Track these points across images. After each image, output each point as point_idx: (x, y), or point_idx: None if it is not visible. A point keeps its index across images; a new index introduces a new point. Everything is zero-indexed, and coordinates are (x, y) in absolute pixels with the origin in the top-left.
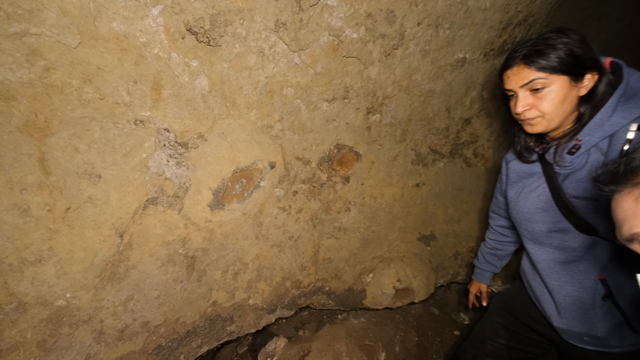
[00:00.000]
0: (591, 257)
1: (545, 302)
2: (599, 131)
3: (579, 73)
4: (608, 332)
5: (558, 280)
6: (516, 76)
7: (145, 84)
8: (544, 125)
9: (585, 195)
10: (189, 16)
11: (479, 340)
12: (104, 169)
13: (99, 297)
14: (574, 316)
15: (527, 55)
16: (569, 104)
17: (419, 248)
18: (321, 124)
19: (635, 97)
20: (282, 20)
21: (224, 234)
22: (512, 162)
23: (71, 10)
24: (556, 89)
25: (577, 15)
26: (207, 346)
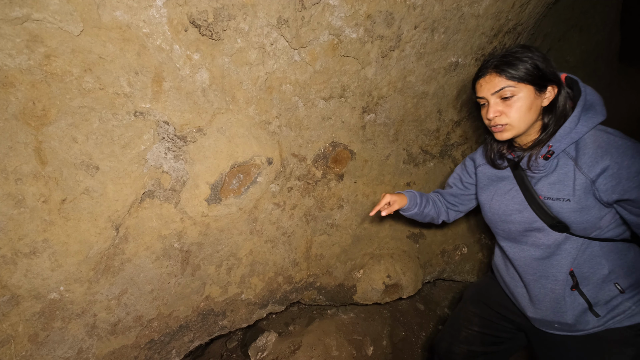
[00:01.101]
0: (563, 253)
1: (519, 295)
2: (567, 138)
3: (543, 85)
4: (575, 318)
5: (533, 275)
6: (488, 84)
7: (147, 75)
8: (512, 132)
9: (558, 197)
10: (192, 9)
11: (453, 329)
12: (102, 160)
13: (93, 291)
14: (547, 306)
15: (498, 65)
16: (533, 112)
17: (408, 245)
18: (317, 122)
19: (593, 109)
20: (284, 17)
21: (219, 228)
22: (482, 166)
23: None
24: (523, 97)
25: (561, 26)
26: (199, 341)
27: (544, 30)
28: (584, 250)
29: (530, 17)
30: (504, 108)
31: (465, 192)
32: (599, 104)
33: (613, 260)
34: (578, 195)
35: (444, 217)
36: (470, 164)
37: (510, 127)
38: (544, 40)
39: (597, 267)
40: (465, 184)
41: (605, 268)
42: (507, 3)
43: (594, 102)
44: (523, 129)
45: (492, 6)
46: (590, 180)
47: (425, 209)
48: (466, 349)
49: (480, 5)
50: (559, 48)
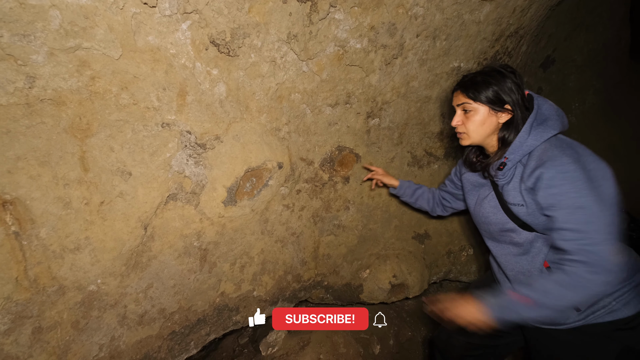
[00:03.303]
0: (535, 250)
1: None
2: (520, 150)
3: (498, 109)
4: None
5: (513, 270)
6: (456, 97)
7: (173, 90)
8: (469, 141)
9: (515, 202)
10: (212, 30)
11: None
12: (134, 166)
13: (124, 284)
14: None
15: (464, 84)
16: (487, 127)
17: (414, 246)
18: (324, 127)
19: (545, 123)
20: (293, 33)
21: (234, 228)
22: (466, 174)
23: (117, 27)
24: (478, 114)
25: (566, 26)
26: (214, 334)
27: (548, 31)
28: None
29: (532, 21)
30: (464, 119)
31: (456, 192)
32: (553, 118)
33: None
34: (527, 201)
35: (439, 211)
36: (458, 170)
37: (467, 137)
38: (548, 40)
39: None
40: (456, 185)
41: None
42: (508, 9)
43: (548, 116)
44: (478, 140)
45: (493, 12)
46: (529, 188)
47: (418, 201)
48: (464, 340)
49: (481, 12)
50: (564, 47)
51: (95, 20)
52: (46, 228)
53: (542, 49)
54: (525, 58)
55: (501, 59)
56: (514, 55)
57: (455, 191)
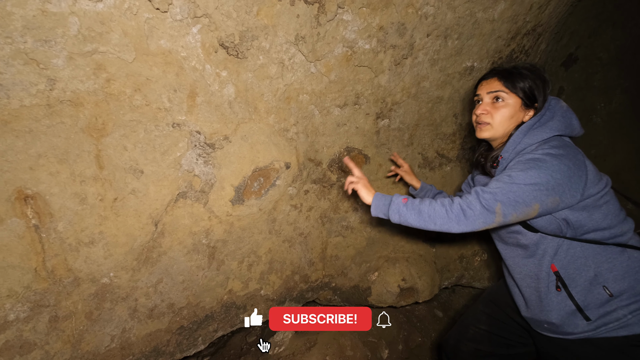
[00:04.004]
0: (541, 252)
1: (515, 294)
2: (513, 149)
3: (529, 104)
4: (561, 319)
5: (520, 274)
6: (488, 85)
7: (183, 92)
8: (490, 133)
9: None
10: (222, 33)
11: (462, 327)
12: (146, 165)
13: (135, 278)
14: (534, 305)
15: (502, 73)
16: (513, 122)
17: (425, 249)
18: (332, 128)
19: (546, 125)
20: (301, 35)
21: (242, 227)
22: (478, 175)
23: (131, 32)
24: (510, 105)
25: (591, 22)
26: (222, 331)
27: (571, 28)
28: (565, 250)
29: (551, 18)
30: (491, 109)
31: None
32: (555, 119)
33: (599, 262)
34: None
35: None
36: (472, 173)
37: (490, 128)
38: (570, 38)
39: (583, 269)
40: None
41: (591, 270)
42: (524, 6)
43: (552, 117)
44: (500, 134)
45: (508, 10)
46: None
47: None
48: (473, 347)
49: (495, 10)
50: (589, 45)
51: (110, 26)
52: (63, 222)
53: (564, 47)
54: (544, 56)
55: (517, 57)
56: (531, 54)
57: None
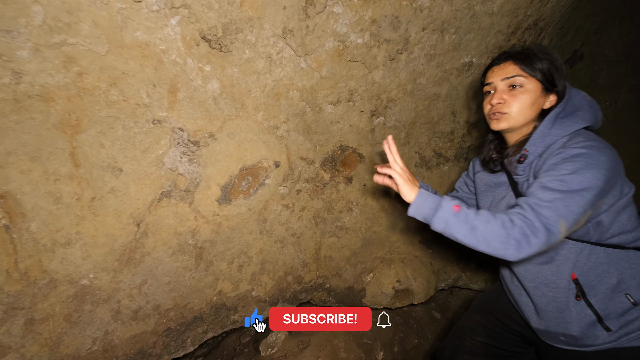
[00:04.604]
0: (561, 258)
1: (523, 304)
2: (542, 142)
3: (549, 88)
4: (582, 331)
5: (534, 282)
6: (501, 70)
7: (163, 87)
8: (508, 123)
9: None
10: (203, 25)
11: (457, 338)
12: (125, 163)
13: (117, 279)
14: (550, 316)
15: (516, 55)
16: (534, 110)
17: (421, 251)
18: (325, 126)
19: (573, 115)
20: (289, 28)
21: (231, 227)
22: (480, 173)
23: (102, 23)
24: (530, 90)
25: (597, 17)
26: (212, 332)
27: (576, 24)
28: (587, 256)
29: (554, 12)
30: (509, 97)
31: (471, 196)
32: (583, 110)
33: (622, 268)
34: None
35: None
36: (471, 169)
37: (508, 117)
38: (575, 34)
39: (605, 276)
40: (469, 187)
41: (614, 277)
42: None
43: (578, 107)
44: (520, 123)
45: (508, 3)
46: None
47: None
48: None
49: (494, 2)
50: (595, 42)
51: (79, 16)
52: (37, 222)
53: (568, 43)
54: None
55: None
56: None
57: (468, 196)
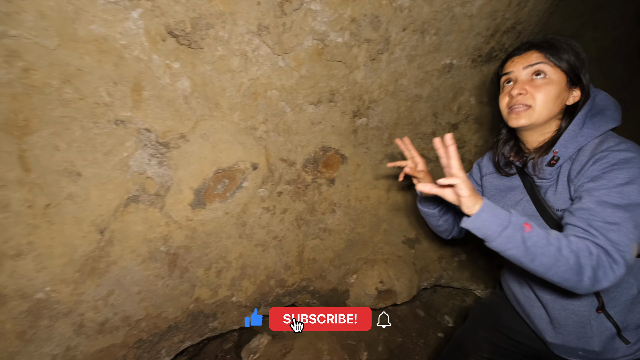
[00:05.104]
0: None
1: (536, 317)
2: (574, 142)
3: (574, 81)
4: (603, 345)
5: (552, 294)
6: (524, 59)
7: (126, 85)
8: (531, 119)
9: (564, 208)
10: (169, 19)
11: (461, 353)
12: (85, 167)
13: (79, 291)
14: (569, 330)
15: (540, 44)
16: (558, 105)
17: (404, 251)
18: (307, 127)
19: (602, 113)
20: (264, 24)
21: (207, 232)
22: (489, 175)
23: (49, 14)
24: (555, 81)
25: (572, 23)
26: (189, 341)
27: (553, 27)
28: None
29: (531, 15)
30: (531, 88)
31: None
32: (611, 109)
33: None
34: None
35: (455, 232)
36: (476, 171)
37: (532, 112)
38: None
39: (625, 286)
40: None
41: (634, 287)
42: (503, 2)
43: (605, 107)
44: (542, 119)
45: (486, 5)
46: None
47: (445, 215)
48: None
49: (473, 5)
50: None
51: (20, 5)
52: None
53: None
54: None
55: (497, 56)
56: None
57: None
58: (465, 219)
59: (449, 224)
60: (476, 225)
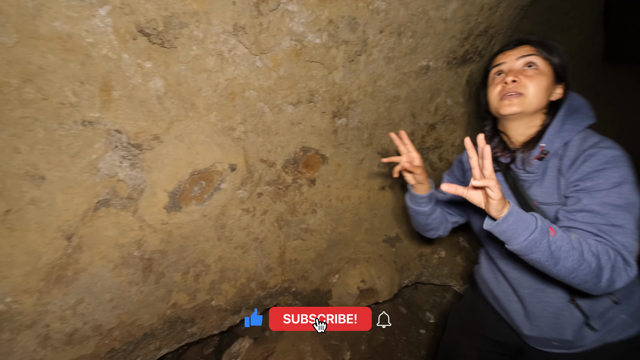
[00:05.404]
0: None
1: (513, 311)
2: (559, 137)
3: (561, 77)
4: (575, 334)
5: (530, 288)
6: (516, 51)
7: (93, 84)
8: (522, 107)
9: (550, 201)
10: (140, 17)
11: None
12: (49, 170)
13: (44, 302)
14: (545, 322)
15: (532, 39)
16: (546, 97)
17: (385, 249)
18: (286, 127)
19: (579, 111)
20: (240, 24)
21: (183, 235)
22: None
23: (6, 9)
24: (545, 73)
25: (541, 27)
26: (166, 348)
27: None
28: None
29: (502, 20)
30: (524, 78)
31: (458, 199)
32: (586, 108)
33: None
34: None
35: (442, 230)
36: (457, 168)
37: (524, 100)
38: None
39: None
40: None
41: None
42: (476, 6)
43: (580, 105)
44: (533, 108)
45: (460, 9)
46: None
47: (435, 214)
48: None
49: (447, 8)
50: None
51: None
52: None
53: None
54: None
55: (472, 58)
56: (485, 55)
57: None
58: (490, 221)
59: (437, 222)
60: (502, 229)
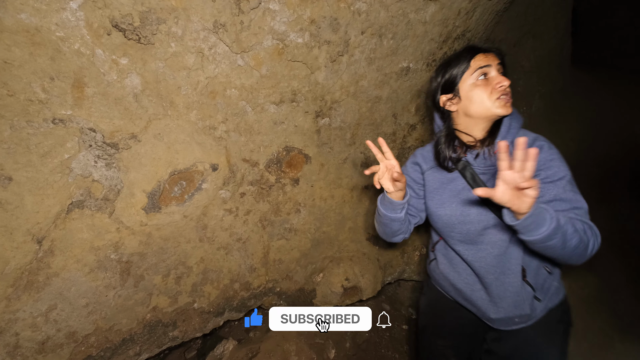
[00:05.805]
0: (516, 244)
1: (478, 300)
2: (509, 135)
3: None
4: (530, 307)
5: (494, 274)
6: (492, 57)
7: (65, 80)
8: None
9: None
10: (114, 12)
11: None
12: (16, 170)
13: (13, 309)
14: (508, 302)
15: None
16: None
17: (368, 247)
18: (269, 126)
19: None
20: (221, 22)
21: (163, 237)
22: (431, 170)
23: None
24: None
25: (515, 32)
26: (147, 353)
27: (499, 36)
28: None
29: (478, 24)
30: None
31: (419, 199)
32: (515, 110)
33: None
34: None
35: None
36: (414, 169)
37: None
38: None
39: (535, 254)
40: (417, 191)
41: (536, 253)
42: (453, 10)
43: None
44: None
45: (438, 13)
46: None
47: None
48: None
49: (426, 12)
50: (514, 53)
51: None
52: None
53: None
54: None
55: None
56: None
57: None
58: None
59: (405, 226)
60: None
